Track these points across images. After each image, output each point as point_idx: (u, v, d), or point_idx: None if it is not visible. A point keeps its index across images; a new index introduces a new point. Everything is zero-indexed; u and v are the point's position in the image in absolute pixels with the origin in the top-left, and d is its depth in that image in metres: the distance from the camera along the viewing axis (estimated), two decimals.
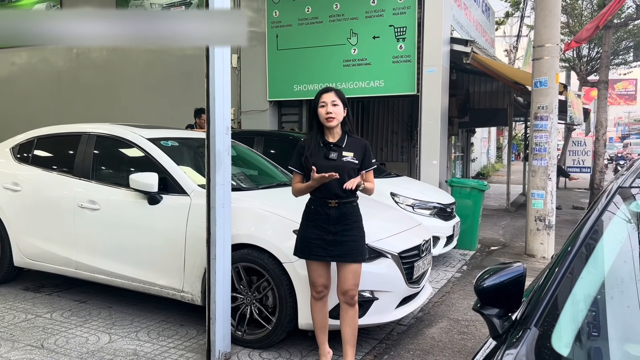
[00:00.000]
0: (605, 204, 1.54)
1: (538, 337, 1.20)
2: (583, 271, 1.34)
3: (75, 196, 4.41)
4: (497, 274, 1.53)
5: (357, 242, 3.18)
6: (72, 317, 4.27)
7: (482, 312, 1.50)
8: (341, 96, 3.21)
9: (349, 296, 3.18)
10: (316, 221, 3.16)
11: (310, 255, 3.19)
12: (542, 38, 6.79)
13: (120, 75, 10.63)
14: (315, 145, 3.19)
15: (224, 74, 3.36)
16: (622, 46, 17.61)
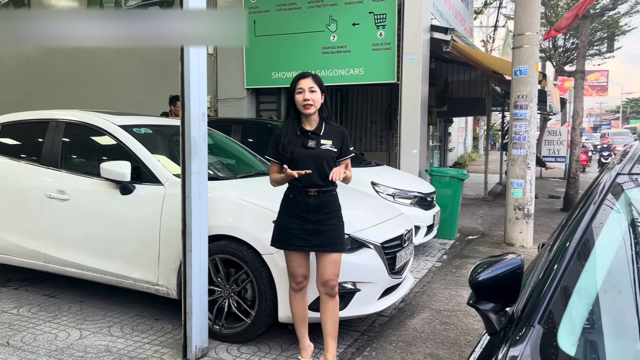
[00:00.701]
0: (605, 192, 1.45)
1: (543, 335, 1.10)
2: (587, 263, 1.25)
3: (43, 186, 4.20)
4: (493, 266, 1.44)
5: (336, 231, 3.10)
6: (41, 312, 4.08)
7: (477, 308, 1.41)
8: (319, 82, 3.10)
9: (329, 287, 3.10)
10: (295, 210, 3.07)
11: (289, 246, 3.09)
12: (522, 26, 6.75)
13: (92, 61, 10.30)
14: (292, 133, 3.09)
15: (199, 56, 3.20)
16: (596, 37, 17.80)
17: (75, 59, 10.47)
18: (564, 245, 1.31)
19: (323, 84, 3.14)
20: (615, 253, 1.29)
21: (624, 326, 1.14)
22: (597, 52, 19.10)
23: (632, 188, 1.47)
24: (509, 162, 7.08)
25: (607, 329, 1.16)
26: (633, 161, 1.60)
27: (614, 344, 1.13)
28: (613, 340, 1.14)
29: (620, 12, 15.95)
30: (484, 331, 1.45)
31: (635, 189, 1.47)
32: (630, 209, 1.41)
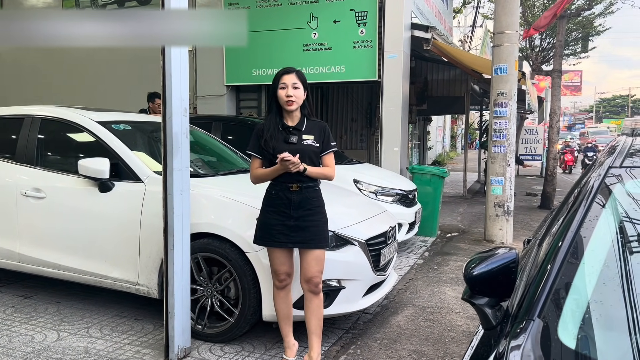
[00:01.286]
0: (598, 186, 1.45)
1: (543, 328, 1.09)
2: (584, 256, 1.24)
3: (17, 183, 4.08)
4: (488, 260, 1.42)
5: (319, 227, 3.07)
6: (16, 313, 3.96)
7: (472, 302, 1.39)
8: (302, 78, 3.07)
9: (313, 284, 3.06)
10: (277, 206, 3.03)
11: (271, 242, 3.05)
12: (502, 25, 6.80)
13: (67, 57, 10.08)
14: (274, 129, 3.05)
15: (181, 51, 3.13)
16: (571, 37, 18.11)
17: (49, 55, 10.23)
18: (559, 239, 1.30)
19: (306, 80, 3.11)
20: (611, 245, 1.28)
21: (621, 319, 1.13)
22: (572, 52, 19.43)
23: (625, 181, 1.47)
24: (489, 159, 7.13)
25: (605, 322, 1.15)
26: (623, 155, 1.60)
27: (611, 336, 1.12)
28: (609, 333, 1.12)
29: (595, 13, 16.25)
30: (479, 326, 1.43)
31: (629, 181, 1.47)
32: (624, 201, 1.40)
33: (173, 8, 2.95)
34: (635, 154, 1.63)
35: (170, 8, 2.91)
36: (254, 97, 9.25)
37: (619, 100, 65.94)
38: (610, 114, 64.13)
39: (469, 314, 4.24)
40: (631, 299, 1.16)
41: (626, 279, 1.21)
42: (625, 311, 1.14)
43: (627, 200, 1.41)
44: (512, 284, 1.40)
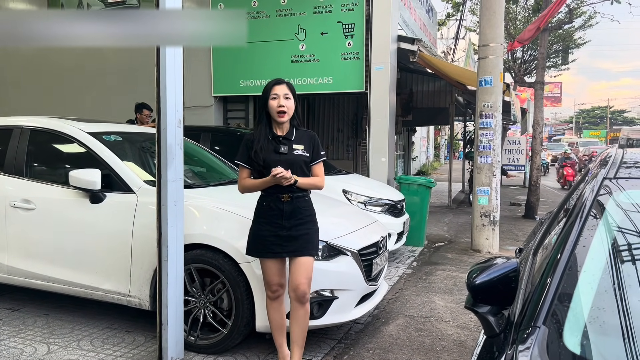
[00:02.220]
0: (594, 196, 1.50)
1: (548, 335, 1.12)
2: (585, 264, 1.29)
3: (6, 195, 4.04)
4: (489, 269, 1.46)
5: (310, 235, 3.09)
6: (4, 327, 3.90)
7: (475, 311, 1.43)
8: (293, 90, 3.10)
9: (300, 292, 3.03)
10: (269, 217, 3.04)
11: (265, 253, 3.05)
12: (486, 37, 6.93)
13: (52, 67, 10.00)
14: (264, 140, 3.06)
15: (175, 61, 3.15)
16: (552, 50, 18.46)
17: (33, 65, 10.15)
18: (559, 249, 1.34)
19: (295, 91, 3.14)
20: (610, 254, 1.32)
21: (622, 325, 1.17)
22: (554, 64, 19.80)
23: (621, 191, 1.52)
24: (474, 170, 7.23)
25: (607, 329, 1.18)
26: (617, 166, 1.66)
27: (612, 342, 1.16)
28: (612, 339, 1.16)
29: (575, 26, 16.60)
30: (482, 335, 1.47)
31: (624, 192, 1.52)
32: (621, 211, 1.45)
33: (168, 8, 2.96)
34: (628, 165, 1.69)
35: (165, 8, 2.92)
36: (242, 108, 9.27)
37: (598, 112, 67.21)
38: (590, 124, 65.30)
39: (459, 323, 4.28)
40: (630, 307, 1.20)
41: (626, 287, 1.25)
42: (625, 318, 1.18)
43: (623, 211, 1.46)
44: (513, 293, 1.44)
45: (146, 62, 8.97)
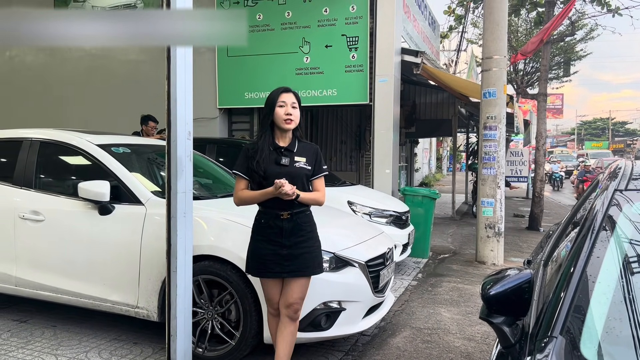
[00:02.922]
0: (606, 209, 1.52)
1: (566, 345, 1.14)
2: (599, 275, 1.30)
3: (16, 207, 4.06)
4: (504, 280, 1.48)
5: (313, 253, 2.97)
6: (12, 338, 3.91)
7: (490, 321, 1.44)
8: (299, 99, 3.03)
9: (292, 309, 2.96)
10: (268, 235, 2.91)
11: (265, 273, 2.94)
12: (490, 50, 6.99)
13: (58, 79, 10.09)
14: (267, 149, 2.93)
15: (185, 75, 3.19)
16: (554, 62, 18.56)
17: (40, 78, 10.24)
18: (573, 260, 1.36)
19: (301, 102, 3.08)
20: (624, 265, 1.34)
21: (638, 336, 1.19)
22: (555, 76, 19.89)
23: (633, 203, 1.55)
24: (479, 181, 7.25)
25: (622, 339, 1.20)
26: (627, 178, 1.68)
27: (628, 352, 1.17)
28: (627, 349, 1.18)
29: (576, 39, 16.70)
30: (496, 346, 1.48)
31: (636, 203, 1.54)
32: (633, 223, 1.47)
33: (174, 8, 2.98)
34: (638, 177, 1.71)
35: (175, 8, 2.94)
36: (246, 120, 9.32)
37: (599, 123, 67.33)
38: (592, 136, 65.37)
39: (465, 335, 4.28)
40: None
41: (638, 298, 1.27)
42: (638, 328, 1.19)
43: (634, 223, 1.48)
44: (527, 303, 1.45)
45: (152, 74, 9.05)
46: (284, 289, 2.99)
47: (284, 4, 8.43)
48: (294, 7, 8.38)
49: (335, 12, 8.16)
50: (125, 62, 9.68)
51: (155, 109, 7.62)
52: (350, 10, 8.09)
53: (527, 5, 12.04)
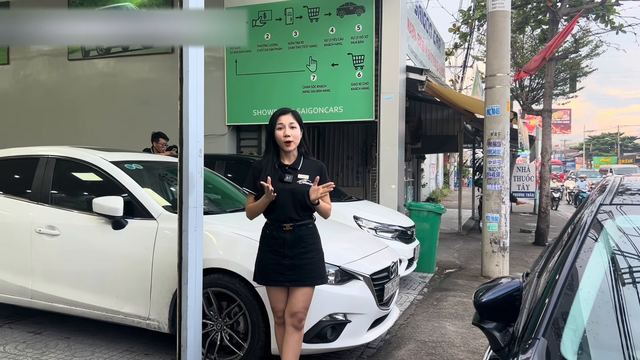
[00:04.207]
0: (592, 221, 1.63)
1: (547, 347, 1.24)
2: (581, 283, 1.41)
3: (32, 221, 4.21)
4: (495, 288, 1.58)
5: (314, 264, 3.10)
6: (28, 349, 4.03)
7: (482, 327, 1.54)
8: (298, 118, 3.16)
9: (297, 319, 3.09)
10: (272, 246, 3.09)
11: (268, 282, 3.11)
12: (493, 68, 7.12)
13: (72, 98, 10.33)
14: (270, 167, 3.12)
15: (197, 94, 3.34)
16: (560, 78, 18.67)
17: (53, 96, 10.49)
18: (558, 268, 1.47)
19: (302, 119, 3.21)
20: (604, 274, 1.45)
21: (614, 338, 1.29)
22: (561, 92, 19.98)
23: (615, 217, 1.65)
24: (484, 197, 7.33)
25: (601, 341, 1.30)
26: (613, 193, 1.79)
27: (605, 353, 1.27)
28: (605, 351, 1.28)
29: (581, 55, 16.83)
30: (487, 348, 1.58)
31: (618, 217, 1.65)
32: (615, 235, 1.58)
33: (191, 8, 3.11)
34: (623, 192, 1.82)
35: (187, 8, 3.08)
36: (254, 137, 9.49)
37: (608, 138, 67.14)
38: (600, 151, 65.16)
39: (470, 348, 4.35)
40: (623, 321, 1.32)
41: (618, 304, 1.37)
42: (618, 331, 1.30)
43: (617, 234, 1.58)
44: (517, 310, 1.56)
45: (162, 92, 9.26)
46: (288, 299, 3.12)
47: (291, 24, 8.64)
48: (301, 27, 8.58)
49: (341, 31, 8.35)
50: (137, 81, 9.91)
51: (166, 126, 7.81)
52: (356, 29, 8.28)
53: (532, 22, 12.20)
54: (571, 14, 10.06)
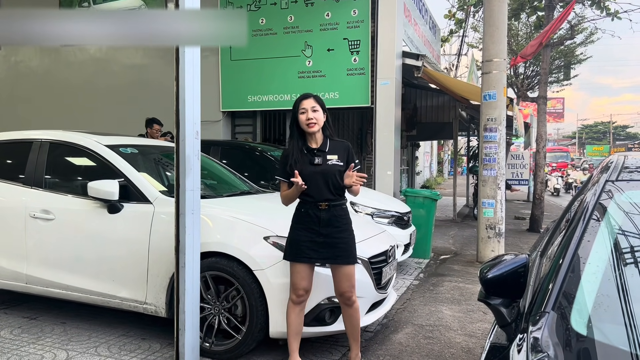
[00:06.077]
0: (598, 197, 1.61)
1: (557, 319, 1.23)
2: (589, 256, 1.39)
3: (26, 206, 4.16)
4: (500, 264, 1.57)
5: (348, 244, 3.21)
6: (23, 334, 4.00)
7: (488, 302, 1.53)
8: (320, 102, 3.27)
9: (345, 297, 3.25)
10: (306, 224, 3.19)
11: (300, 258, 3.19)
12: (490, 53, 7.09)
13: (65, 84, 10.21)
14: (298, 152, 3.22)
15: (193, 76, 3.29)
16: (554, 65, 18.67)
17: (45, 81, 10.36)
18: (568, 241, 1.45)
19: (324, 103, 3.31)
20: (613, 247, 1.43)
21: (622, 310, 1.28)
22: (556, 80, 19.99)
23: (622, 192, 1.64)
24: (480, 183, 7.33)
25: (610, 314, 1.29)
26: (618, 170, 1.78)
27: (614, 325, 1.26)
28: (613, 324, 1.27)
29: (576, 42, 16.81)
30: (493, 326, 1.57)
31: (626, 192, 1.64)
32: (622, 209, 1.56)
33: (178, 9, 3.09)
34: (628, 170, 1.80)
35: (183, 8, 3.05)
36: (249, 123, 9.43)
37: (600, 127, 67.40)
38: (593, 140, 65.44)
39: (467, 332, 4.36)
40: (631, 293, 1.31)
41: (629, 277, 1.36)
42: (626, 304, 1.28)
43: (625, 209, 1.57)
44: (523, 286, 1.54)
45: (157, 77, 9.17)
46: (334, 281, 3.27)
47: (286, 9, 8.55)
48: (297, 12, 8.50)
49: (337, 16, 8.28)
50: (130, 66, 9.80)
51: (160, 112, 7.74)
52: (351, 14, 8.21)
53: (527, 9, 12.16)
54: (567, 0, 10.03)
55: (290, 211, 3.34)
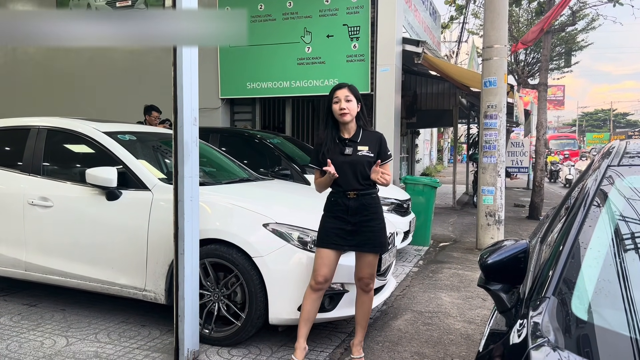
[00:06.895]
0: (599, 181, 1.59)
1: (558, 304, 1.22)
2: (590, 241, 1.38)
3: (24, 193, 4.15)
4: (501, 250, 1.56)
5: (375, 232, 3.24)
6: (23, 321, 4.01)
7: (488, 288, 1.52)
8: (355, 92, 3.26)
9: (363, 283, 3.33)
10: (336, 212, 3.23)
11: (328, 244, 3.21)
12: (490, 39, 7.03)
13: (62, 72, 10.15)
14: (331, 142, 3.26)
15: (191, 62, 3.26)
16: (555, 52, 18.56)
17: (43, 69, 10.30)
18: (569, 226, 1.44)
19: (359, 93, 3.30)
20: (615, 231, 1.42)
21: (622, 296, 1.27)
22: (556, 67, 19.89)
23: (624, 176, 1.62)
24: (479, 170, 7.32)
25: (610, 299, 1.28)
26: (620, 155, 1.76)
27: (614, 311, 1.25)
28: (614, 309, 1.26)
29: (577, 29, 16.70)
30: (493, 312, 1.56)
31: (627, 176, 1.62)
32: (625, 193, 1.55)
33: (176, 9, 3.06)
34: (630, 155, 1.79)
35: (181, 8, 3.03)
36: (248, 110, 9.39)
37: (601, 114, 67.28)
38: (593, 127, 65.33)
39: (466, 318, 4.37)
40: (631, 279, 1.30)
41: (631, 262, 1.35)
42: (626, 289, 1.27)
43: (627, 193, 1.56)
44: (523, 272, 1.53)
45: (154, 65, 9.11)
46: (355, 265, 3.33)
47: None
48: None
49: (336, 1, 8.20)
50: (129, 54, 9.74)
51: (158, 100, 7.70)
52: (351, 0, 8.13)
53: None
54: None
55: (292, 199, 3.35)
